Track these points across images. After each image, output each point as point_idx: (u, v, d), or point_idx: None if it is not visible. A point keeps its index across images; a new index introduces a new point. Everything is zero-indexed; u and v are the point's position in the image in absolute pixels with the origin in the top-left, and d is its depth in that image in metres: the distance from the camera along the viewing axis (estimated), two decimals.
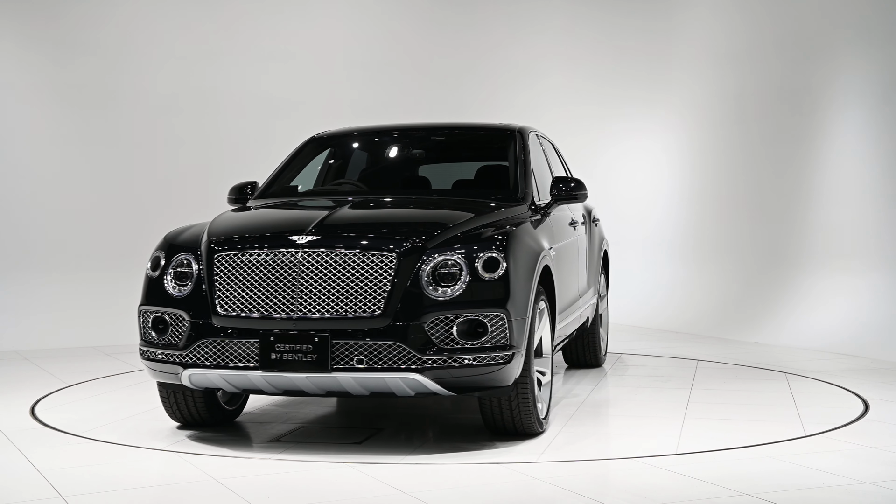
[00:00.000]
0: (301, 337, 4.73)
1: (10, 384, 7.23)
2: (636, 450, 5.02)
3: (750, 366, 7.88)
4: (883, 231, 8.91)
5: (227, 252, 4.96)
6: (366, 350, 4.70)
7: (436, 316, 4.73)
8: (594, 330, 7.64)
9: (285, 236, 4.91)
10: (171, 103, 10.11)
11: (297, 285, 4.78)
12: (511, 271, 4.88)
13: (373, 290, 4.74)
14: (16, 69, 9.56)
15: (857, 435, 5.35)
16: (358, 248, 4.80)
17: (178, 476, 4.56)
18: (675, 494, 4.19)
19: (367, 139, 6.89)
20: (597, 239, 7.71)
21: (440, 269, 4.82)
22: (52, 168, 9.68)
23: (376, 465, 4.71)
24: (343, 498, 4.19)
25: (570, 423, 5.72)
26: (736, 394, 6.66)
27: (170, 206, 9.81)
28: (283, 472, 4.63)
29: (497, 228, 5.13)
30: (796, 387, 6.89)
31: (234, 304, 4.88)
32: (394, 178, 6.61)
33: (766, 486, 4.29)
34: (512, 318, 4.82)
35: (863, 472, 4.54)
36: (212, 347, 4.88)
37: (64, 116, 9.75)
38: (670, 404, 6.29)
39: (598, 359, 7.79)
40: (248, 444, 5.26)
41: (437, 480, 4.48)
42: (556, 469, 4.63)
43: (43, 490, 4.33)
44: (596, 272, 7.60)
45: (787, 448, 5.03)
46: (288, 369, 4.74)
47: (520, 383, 4.99)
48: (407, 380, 4.71)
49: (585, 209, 7.56)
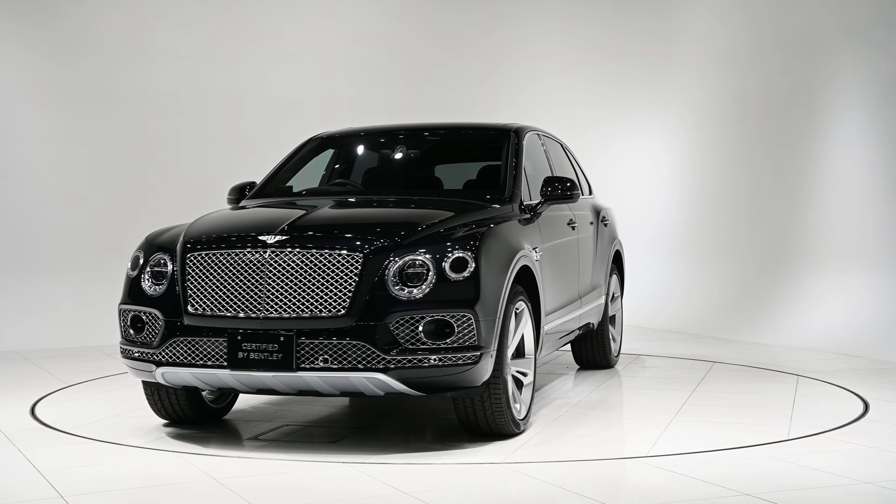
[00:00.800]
0: (267, 336, 4.77)
1: (10, 384, 7.23)
2: (636, 450, 5.03)
3: (750, 366, 7.88)
4: (883, 231, 8.91)
5: (199, 252, 5.03)
6: (331, 350, 4.72)
7: (401, 316, 4.74)
8: (603, 331, 7.59)
9: (255, 236, 4.96)
10: (172, 103, 10.11)
11: (265, 285, 4.83)
12: (480, 272, 4.87)
13: (338, 290, 4.77)
14: (16, 69, 9.56)
15: (857, 435, 5.35)
16: (324, 248, 4.83)
17: (179, 476, 4.56)
18: (675, 494, 4.19)
19: (364, 140, 6.90)
20: (606, 239, 7.65)
21: (407, 269, 4.83)
22: (52, 168, 9.68)
23: (376, 465, 4.71)
24: (343, 498, 4.19)
25: (555, 423, 5.71)
26: (736, 394, 6.66)
27: (170, 206, 9.80)
28: (283, 472, 4.63)
29: (471, 228, 5.12)
30: (796, 387, 6.89)
31: (204, 303, 4.94)
32: (390, 178, 6.63)
33: (766, 486, 4.29)
34: (480, 319, 4.81)
35: (863, 472, 4.54)
36: (183, 346, 4.95)
37: (65, 116, 9.74)
38: (663, 406, 6.28)
39: (609, 360, 7.73)
40: (248, 444, 5.26)
41: (437, 480, 4.48)
42: (557, 469, 4.63)
43: (43, 490, 4.33)
44: (604, 272, 7.55)
45: (787, 448, 5.03)
46: (255, 368, 4.78)
47: (492, 384, 4.98)
48: (372, 379, 4.72)
49: (594, 209, 7.52)
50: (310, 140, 6.87)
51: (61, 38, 9.71)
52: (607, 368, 7.77)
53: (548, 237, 6.04)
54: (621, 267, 8.19)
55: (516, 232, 5.46)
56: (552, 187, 6.01)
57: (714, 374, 7.49)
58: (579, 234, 6.84)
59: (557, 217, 6.42)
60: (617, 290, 8.04)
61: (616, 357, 7.95)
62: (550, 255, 6.03)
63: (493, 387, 5.00)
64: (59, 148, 9.72)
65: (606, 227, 7.71)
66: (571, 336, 6.81)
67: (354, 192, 6.37)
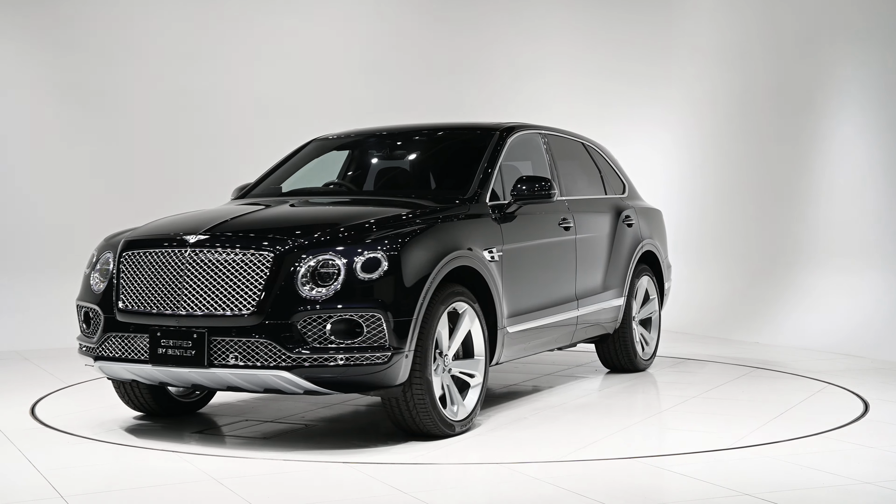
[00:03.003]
0: (182, 333, 4.95)
1: (10, 384, 7.23)
2: (636, 450, 5.03)
3: (750, 366, 7.88)
4: (883, 231, 8.91)
5: (131, 250, 5.25)
6: (240, 347, 4.84)
7: (309, 315, 4.80)
8: (624, 333, 7.38)
9: (180, 237, 5.12)
10: (174, 103, 10.10)
11: (183, 283, 5.00)
12: (394, 272, 4.90)
13: (248, 289, 4.88)
14: (15, 69, 9.56)
15: (857, 435, 5.35)
16: (236, 248, 4.96)
17: (178, 476, 4.56)
18: (675, 494, 4.19)
19: (358, 142, 6.97)
20: (629, 240, 7.43)
21: (320, 270, 4.89)
22: (52, 168, 9.68)
23: (376, 465, 4.71)
24: (343, 498, 4.19)
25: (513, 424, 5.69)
26: (735, 394, 6.66)
27: (171, 206, 9.76)
28: (283, 472, 4.63)
29: (398, 229, 5.13)
30: (796, 387, 6.89)
31: (132, 300, 5.16)
32: (379, 179, 6.69)
33: (766, 486, 4.29)
34: (391, 320, 4.83)
35: (863, 472, 4.54)
36: (116, 341, 5.19)
37: (66, 116, 9.74)
38: (662, 406, 6.28)
39: (634, 363, 7.49)
40: (248, 444, 5.26)
41: (437, 480, 4.48)
42: (557, 469, 4.63)
43: (43, 490, 4.33)
44: (622, 273, 7.32)
45: (787, 448, 5.03)
46: (172, 364, 4.97)
47: (414, 384, 5.00)
48: (280, 377, 4.81)
49: (615, 209, 7.38)
50: (310, 142, 7.04)
51: (62, 38, 9.70)
52: (633, 372, 7.54)
53: (517, 237, 5.96)
54: (657, 268, 7.93)
55: (456, 232, 5.42)
56: (525, 187, 5.94)
57: (714, 374, 7.48)
58: (578, 234, 6.72)
59: (542, 217, 6.34)
60: (652, 292, 7.81)
61: (648, 360, 7.69)
62: (520, 256, 5.95)
63: (416, 387, 5.02)
64: (60, 147, 9.72)
65: (630, 228, 7.49)
66: (570, 338, 6.74)
67: (331, 193, 6.45)
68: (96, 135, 9.84)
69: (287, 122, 10.36)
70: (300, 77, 10.67)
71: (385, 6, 11.25)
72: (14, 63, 9.58)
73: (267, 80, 10.54)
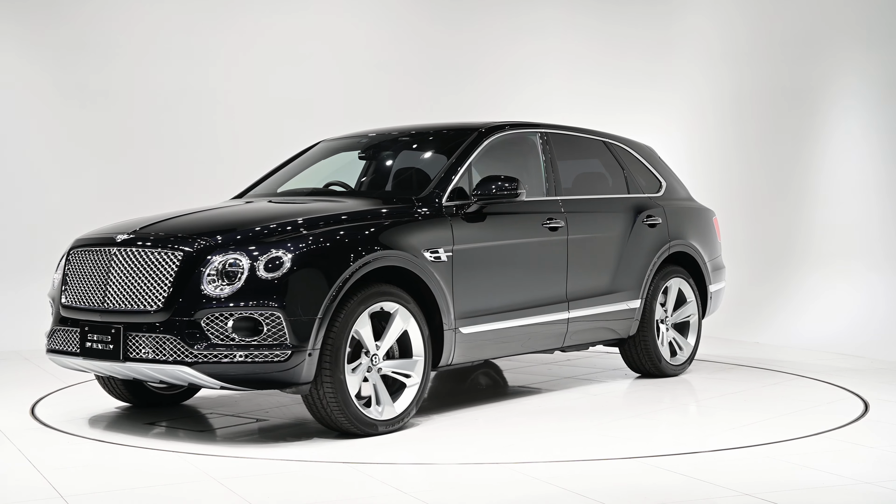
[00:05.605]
0: (103, 328, 5.21)
1: (10, 384, 7.23)
2: (636, 450, 5.03)
3: (750, 366, 7.88)
4: (883, 231, 8.92)
5: (74, 249, 5.58)
6: (150, 342, 5.05)
7: (211, 312, 4.96)
8: (645, 336, 7.13)
9: (112, 236, 5.39)
10: (175, 103, 10.10)
11: (108, 281, 5.27)
12: (298, 272, 5.00)
13: (157, 287, 5.10)
14: (16, 69, 9.56)
15: (857, 435, 5.35)
16: (147, 246, 5.20)
17: (179, 476, 4.56)
18: (675, 494, 4.19)
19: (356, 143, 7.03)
20: (650, 240, 7.18)
21: (227, 269, 5.04)
22: (52, 168, 9.68)
23: (376, 465, 4.71)
24: (343, 498, 4.19)
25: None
26: (735, 394, 6.66)
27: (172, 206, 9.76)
28: (283, 472, 4.63)
29: (314, 229, 5.21)
30: (796, 387, 6.89)
31: (72, 296, 5.47)
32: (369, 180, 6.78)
33: (766, 486, 4.29)
34: (291, 318, 4.93)
35: (863, 472, 4.54)
36: (60, 335, 5.51)
37: (66, 116, 9.74)
38: (662, 405, 6.27)
39: (660, 368, 7.23)
40: (248, 444, 5.26)
41: (437, 480, 4.48)
42: (557, 469, 4.63)
43: (43, 490, 4.33)
44: (639, 275, 7.07)
45: (787, 448, 5.03)
46: (96, 357, 5.25)
47: (325, 383, 5.06)
48: (183, 371, 4.98)
49: (635, 209, 7.16)
50: (315, 144, 7.20)
51: (62, 38, 9.71)
52: (660, 377, 7.28)
53: (475, 238, 5.87)
54: (696, 270, 7.60)
55: (387, 232, 5.41)
56: (489, 186, 5.86)
57: (714, 375, 7.48)
58: (571, 234, 6.52)
59: (520, 217, 6.22)
60: (689, 295, 7.50)
61: (681, 366, 7.41)
62: (478, 256, 5.86)
63: (326, 386, 5.07)
64: (60, 147, 9.71)
65: (654, 228, 7.23)
66: (561, 341, 6.53)
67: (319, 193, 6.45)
68: (100, 136, 9.84)
69: (290, 124, 10.36)
70: (303, 79, 10.65)
71: (387, 7, 11.24)
72: (14, 63, 9.58)
73: (267, 81, 10.53)
